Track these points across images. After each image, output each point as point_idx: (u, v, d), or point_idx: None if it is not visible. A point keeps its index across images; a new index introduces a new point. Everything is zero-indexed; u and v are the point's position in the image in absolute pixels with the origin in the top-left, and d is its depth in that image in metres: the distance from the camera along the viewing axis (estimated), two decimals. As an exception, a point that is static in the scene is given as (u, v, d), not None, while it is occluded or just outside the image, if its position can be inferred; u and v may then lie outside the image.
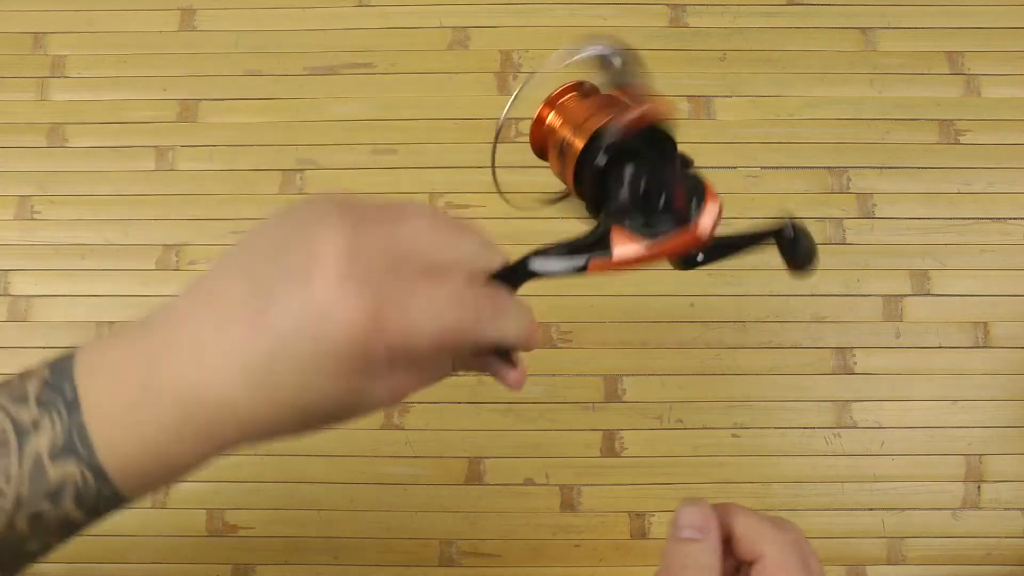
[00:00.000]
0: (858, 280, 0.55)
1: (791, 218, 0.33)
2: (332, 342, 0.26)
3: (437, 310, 0.27)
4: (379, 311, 0.26)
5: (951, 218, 0.56)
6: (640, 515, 0.52)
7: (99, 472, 0.27)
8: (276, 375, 0.26)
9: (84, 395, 0.28)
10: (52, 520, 0.28)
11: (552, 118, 0.36)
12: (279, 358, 0.26)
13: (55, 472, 0.27)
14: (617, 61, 0.34)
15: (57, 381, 0.29)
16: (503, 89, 0.58)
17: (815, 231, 0.56)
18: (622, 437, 0.53)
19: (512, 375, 0.33)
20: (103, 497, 0.28)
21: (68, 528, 0.28)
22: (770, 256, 0.56)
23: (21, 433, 0.28)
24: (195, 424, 0.27)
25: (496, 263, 0.30)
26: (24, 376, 0.29)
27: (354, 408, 0.28)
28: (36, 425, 0.28)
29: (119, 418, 0.27)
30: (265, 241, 0.28)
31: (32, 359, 0.57)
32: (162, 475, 0.28)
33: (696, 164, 0.36)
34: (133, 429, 0.27)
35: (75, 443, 0.27)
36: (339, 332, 0.26)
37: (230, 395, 0.27)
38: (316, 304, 0.26)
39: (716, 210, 0.32)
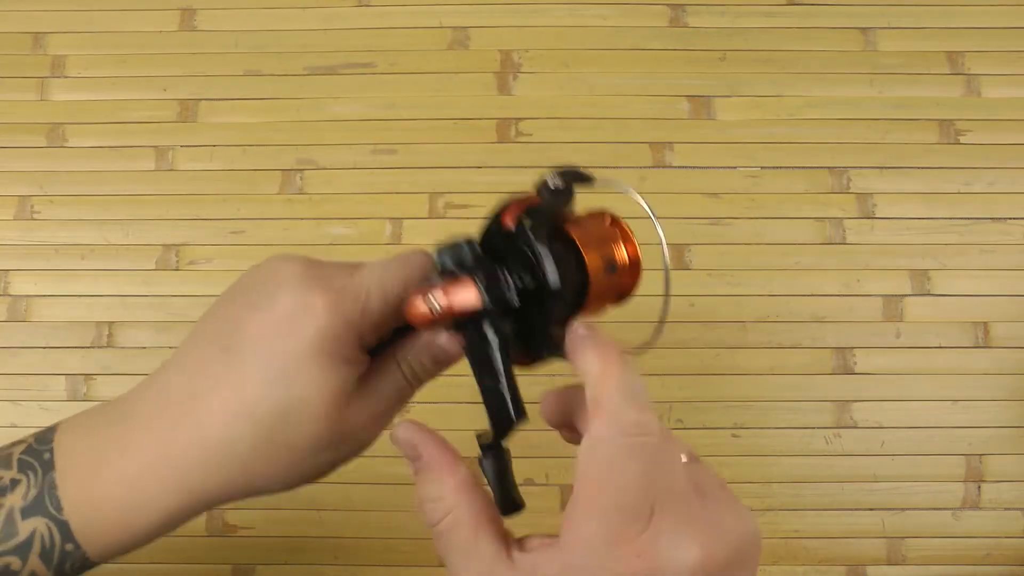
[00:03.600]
0: (858, 280, 0.55)
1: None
2: (302, 338, 0.28)
3: (378, 275, 0.30)
4: (338, 293, 0.29)
5: (951, 218, 0.56)
6: (640, 515, 0.52)
7: (64, 529, 0.29)
8: (262, 411, 0.28)
9: (59, 457, 0.29)
10: None
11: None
12: (264, 388, 0.28)
13: (24, 527, 0.29)
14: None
15: (39, 445, 0.30)
16: (503, 89, 0.58)
17: (815, 231, 0.56)
18: (622, 437, 0.53)
19: (443, 338, 0.32)
20: (67, 555, 0.29)
21: None
22: (770, 256, 0.56)
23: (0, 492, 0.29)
24: (153, 495, 0.29)
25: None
26: (14, 444, 0.31)
27: (344, 421, 0.30)
28: (13, 483, 0.29)
29: (87, 479, 0.29)
30: (227, 301, 0.31)
31: (32, 359, 0.57)
32: (127, 538, 0.29)
33: (696, 164, 0.35)
34: (98, 491, 0.29)
35: (44, 500, 0.29)
36: (307, 322, 0.28)
37: (202, 459, 0.28)
38: (282, 311, 0.29)
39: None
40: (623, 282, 0.32)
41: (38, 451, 0.30)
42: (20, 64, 0.59)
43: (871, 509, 0.52)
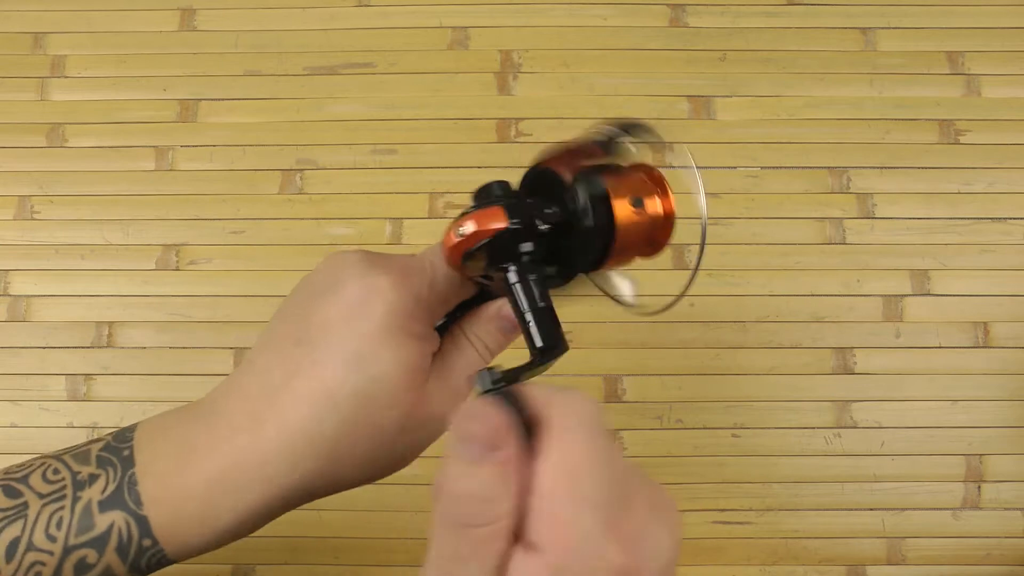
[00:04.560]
0: (858, 280, 0.55)
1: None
2: (373, 318, 0.28)
3: (439, 250, 0.30)
4: (402, 271, 0.29)
5: (951, 218, 0.56)
6: (640, 515, 0.52)
7: (143, 523, 0.29)
8: (343, 394, 0.28)
9: (139, 453, 0.30)
10: (96, 570, 0.29)
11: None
12: (343, 372, 0.28)
13: (102, 520, 0.29)
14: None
15: (118, 443, 0.30)
16: (503, 89, 0.58)
17: (815, 231, 0.56)
18: (622, 437, 0.53)
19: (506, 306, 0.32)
20: (144, 550, 0.29)
21: None
22: (770, 256, 0.56)
23: (77, 486, 0.29)
24: (237, 491, 0.29)
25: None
26: (92, 441, 0.31)
27: (421, 395, 0.30)
28: (92, 478, 0.29)
29: (168, 476, 0.29)
30: (293, 301, 0.31)
31: (32, 359, 0.57)
32: (206, 536, 0.30)
33: (696, 164, 0.35)
34: (179, 488, 0.29)
35: (123, 494, 0.29)
36: (376, 302, 0.29)
37: (287, 450, 0.29)
38: (350, 297, 0.29)
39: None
40: (655, 233, 0.32)
41: (117, 448, 0.30)
42: (20, 64, 0.59)
43: (871, 509, 0.52)
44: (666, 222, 0.32)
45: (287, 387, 0.29)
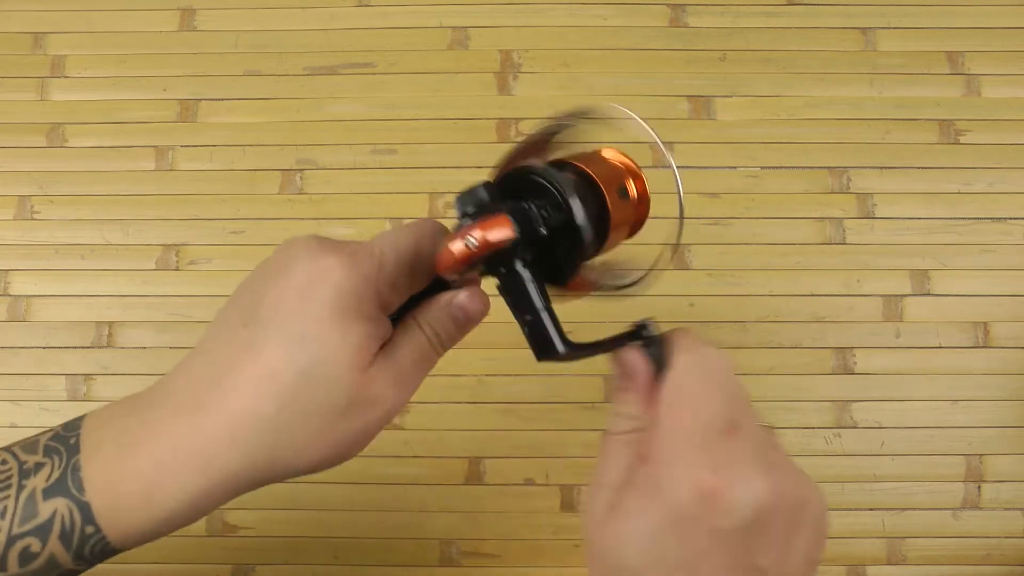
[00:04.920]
0: (858, 280, 0.55)
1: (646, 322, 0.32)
2: (319, 300, 0.29)
3: (390, 237, 0.31)
4: (351, 254, 0.30)
5: (951, 218, 0.56)
6: (640, 515, 0.52)
7: (85, 510, 0.28)
8: (285, 374, 0.28)
9: (84, 441, 0.29)
10: (40, 559, 0.29)
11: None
12: (285, 351, 0.28)
13: (45, 508, 0.28)
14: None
15: (66, 432, 0.30)
16: (503, 89, 0.58)
17: (815, 231, 0.56)
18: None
19: (462, 296, 0.32)
20: (87, 538, 0.29)
21: (55, 571, 0.29)
22: (770, 256, 0.56)
23: (23, 475, 0.29)
24: (178, 475, 0.28)
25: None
26: (42, 432, 0.31)
27: (368, 382, 0.29)
28: (38, 467, 0.29)
29: (111, 461, 0.29)
30: (246, 283, 0.31)
31: (32, 359, 0.57)
32: (149, 523, 0.29)
33: (696, 164, 0.36)
34: (121, 473, 0.29)
35: (67, 481, 0.29)
36: (324, 284, 0.29)
37: (227, 433, 0.28)
38: (298, 279, 0.29)
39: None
40: (636, 214, 0.33)
41: (64, 437, 0.30)
42: (20, 64, 0.59)
43: (871, 509, 0.52)
44: (644, 203, 0.33)
45: (231, 369, 0.29)
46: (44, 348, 0.54)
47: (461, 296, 0.32)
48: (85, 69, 0.59)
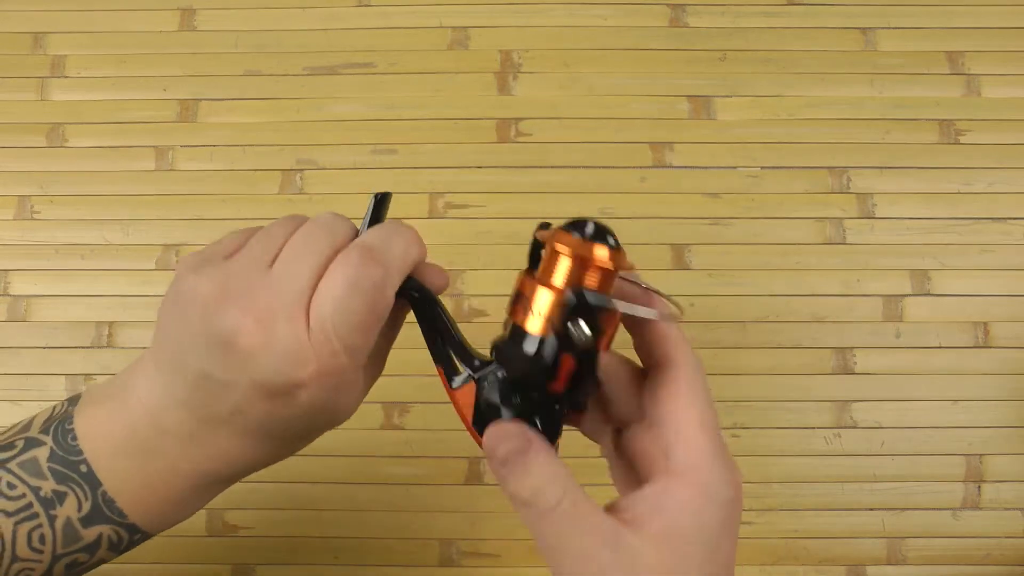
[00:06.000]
0: (858, 280, 0.55)
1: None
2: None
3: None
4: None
5: (951, 218, 0.56)
6: (640, 515, 0.52)
7: (132, 529, 0.31)
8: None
9: (98, 468, 0.30)
10: (87, 565, 0.31)
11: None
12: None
13: (89, 533, 0.30)
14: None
15: (65, 452, 0.31)
16: (503, 89, 0.58)
17: (815, 231, 0.56)
18: (622, 437, 0.53)
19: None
20: (135, 541, 0.32)
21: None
22: (770, 256, 0.56)
23: (46, 504, 0.30)
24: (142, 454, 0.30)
25: None
26: (27, 440, 0.31)
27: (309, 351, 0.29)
28: (60, 496, 0.30)
29: (135, 477, 0.30)
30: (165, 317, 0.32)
31: (32, 359, 0.57)
32: (174, 501, 0.31)
33: (696, 164, 0.35)
34: (147, 479, 0.31)
35: (104, 511, 0.30)
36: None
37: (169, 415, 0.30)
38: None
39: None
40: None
41: (71, 462, 0.31)
42: (20, 64, 0.59)
43: (871, 509, 0.52)
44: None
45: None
46: (44, 348, 0.54)
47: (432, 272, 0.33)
48: (85, 69, 0.59)
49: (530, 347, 0.29)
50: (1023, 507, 0.52)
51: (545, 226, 0.31)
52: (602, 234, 0.29)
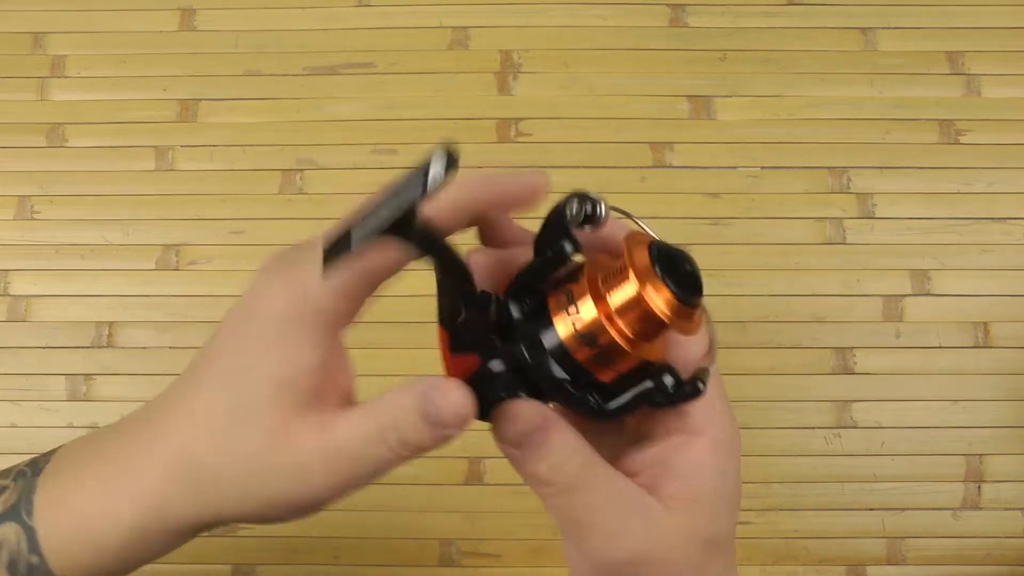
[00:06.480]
0: (858, 280, 0.55)
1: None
2: (260, 323, 0.25)
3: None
4: (291, 264, 0.26)
5: (951, 218, 0.56)
6: (640, 515, 0.52)
7: (31, 536, 0.27)
8: (215, 406, 0.26)
9: (49, 466, 0.28)
10: None
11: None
12: (220, 379, 0.26)
13: None
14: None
15: (43, 457, 0.29)
16: (503, 89, 0.58)
17: (815, 231, 0.56)
18: (622, 437, 0.53)
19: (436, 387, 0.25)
20: (32, 568, 0.27)
21: None
22: (769, 256, 0.56)
23: None
24: (124, 499, 0.27)
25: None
26: (33, 458, 0.30)
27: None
28: (2, 490, 0.28)
29: (63, 487, 0.27)
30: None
31: (32, 359, 0.57)
32: (92, 556, 0.27)
33: (696, 164, 0.33)
34: (70, 499, 0.27)
35: (20, 505, 0.27)
36: (265, 303, 0.25)
37: (164, 469, 0.26)
38: (248, 303, 0.26)
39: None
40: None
41: (37, 461, 0.29)
42: (20, 64, 0.59)
43: (871, 509, 0.52)
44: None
45: (177, 400, 0.27)
46: (44, 348, 0.54)
47: (445, 387, 0.24)
48: (85, 69, 0.59)
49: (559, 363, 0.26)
50: (1023, 507, 0.52)
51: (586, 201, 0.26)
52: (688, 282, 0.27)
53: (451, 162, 0.25)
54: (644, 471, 0.27)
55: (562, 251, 0.26)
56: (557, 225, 0.26)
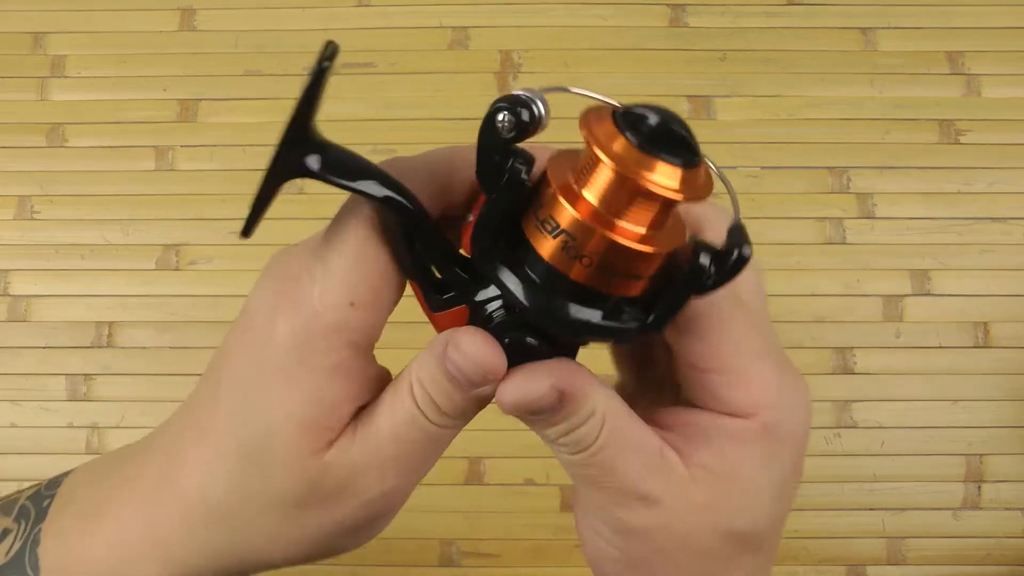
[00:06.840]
0: (858, 280, 0.55)
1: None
2: (277, 345, 0.23)
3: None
4: (295, 279, 0.24)
5: (951, 218, 0.56)
6: (640, 515, 0.52)
7: None
8: (231, 451, 0.23)
9: (54, 507, 0.26)
10: None
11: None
12: (232, 421, 0.23)
13: None
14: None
15: (46, 490, 0.27)
16: (503, 89, 0.58)
17: (815, 231, 0.56)
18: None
19: (458, 339, 0.22)
20: None
21: None
22: (770, 256, 0.56)
23: None
24: (132, 563, 0.25)
25: None
26: (33, 486, 0.28)
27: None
28: (5, 533, 0.26)
29: (70, 538, 0.25)
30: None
31: (32, 359, 0.57)
32: None
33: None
34: (79, 553, 0.25)
35: (24, 558, 0.25)
36: (279, 325, 0.22)
37: (182, 521, 0.24)
38: (254, 318, 0.23)
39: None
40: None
41: (41, 497, 0.27)
42: (20, 64, 0.59)
43: (871, 509, 0.52)
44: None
45: (186, 447, 0.24)
46: (44, 348, 0.54)
47: (456, 340, 0.22)
48: (85, 69, 0.59)
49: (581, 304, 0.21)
50: (1023, 507, 0.52)
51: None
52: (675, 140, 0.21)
53: (330, 54, 0.21)
54: (678, 428, 0.23)
55: (516, 175, 0.22)
56: (495, 146, 0.22)
